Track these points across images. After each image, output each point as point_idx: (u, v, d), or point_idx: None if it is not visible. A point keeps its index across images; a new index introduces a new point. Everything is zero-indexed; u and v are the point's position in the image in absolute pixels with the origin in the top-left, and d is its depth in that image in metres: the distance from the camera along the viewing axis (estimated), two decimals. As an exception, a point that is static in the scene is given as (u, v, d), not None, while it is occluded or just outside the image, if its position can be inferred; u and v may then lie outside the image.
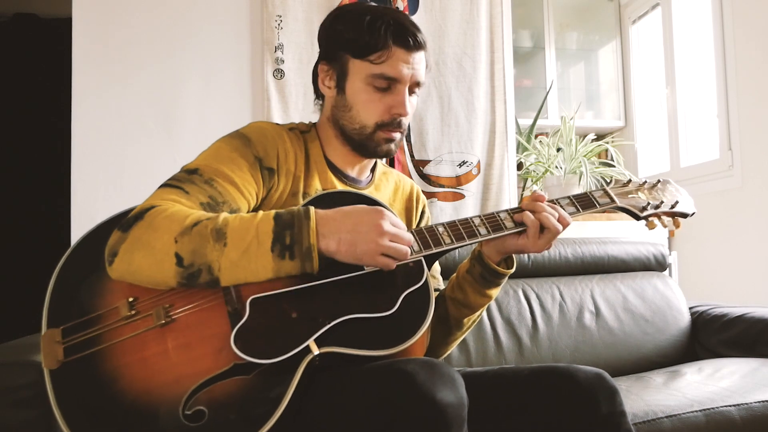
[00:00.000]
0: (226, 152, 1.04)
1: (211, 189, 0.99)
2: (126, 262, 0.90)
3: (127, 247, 0.90)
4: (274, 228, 0.90)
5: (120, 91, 2.18)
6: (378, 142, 1.11)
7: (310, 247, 0.89)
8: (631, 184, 1.19)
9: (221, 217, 0.91)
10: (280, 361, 0.86)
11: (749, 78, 2.46)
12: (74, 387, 0.88)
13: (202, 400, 0.84)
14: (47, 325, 0.92)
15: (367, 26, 1.07)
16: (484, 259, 1.12)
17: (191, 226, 0.89)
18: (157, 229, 0.89)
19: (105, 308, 0.93)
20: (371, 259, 0.91)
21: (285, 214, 0.91)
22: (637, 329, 1.83)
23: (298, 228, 0.89)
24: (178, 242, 0.88)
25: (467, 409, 0.83)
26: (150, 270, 0.89)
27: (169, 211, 0.92)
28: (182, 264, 0.88)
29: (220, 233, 0.89)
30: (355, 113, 1.10)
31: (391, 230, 0.92)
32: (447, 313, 1.19)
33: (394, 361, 0.86)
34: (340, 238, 0.90)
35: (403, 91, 1.09)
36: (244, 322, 0.89)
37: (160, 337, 0.90)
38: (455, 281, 1.18)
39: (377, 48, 1.06)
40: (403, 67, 1.07)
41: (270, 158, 1.07)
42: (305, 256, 0.89)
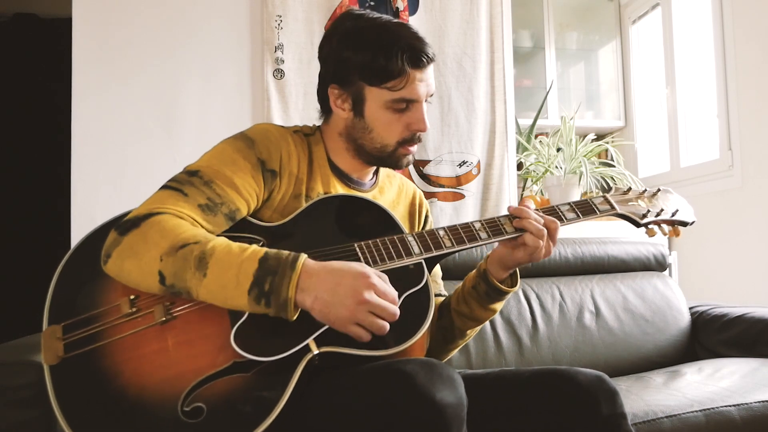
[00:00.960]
0: (229, 154, 1.04)
1: (209, 191, 0.99)
2: (117, 266, 0.92)
3: (119, 252, 0.92)
4: (257, 271, 0.87)
5: (120, 91, 2.18)
6: (399, 158, 1.12)
7: (287, 301, 0.86)
8: (631, 191, 1.20)
9: (210, 244, 0.90)
10: (280, 360, 0.86)
11: (749, 78, 2.46)
12: (74, 383, 0.88)
13: (201, 397, 0.85)
14: (48, 322, 0.93)
15: (384, 54, 1.04)
16: (488, 277, 1.12)
17: (178, 247, 0.90)
18: (147, 242, 0.91)
19: (106, 305, 0.93)
20: (342, 327, 0.87)
21: (272, 259, 0.89)
22: (637, 329, 1.83)
23: (280, 278, 0.87)
24: (162, 261, 0.89)
25: (466, 410, 0.83)
26: (137, 279, 0.91)
27: (163, 224, 0.92)
28: (164, 282, 0.89)
29: (203, 262, 0.88)
30: (376, 135, 1.10)
31: (374, 300, 0.87)
32: (452, 324, 1.19)
33: (394, 361, 0.86)
34: (316, 296, 0.87)
35: (421, 109, 1.09)
36: (244, 321, 0.90)
37: (161, 334, 0.90)
38: (460, 295, 1.18)
39: (394, 76, 1.05)
40: (420, 87, 1.07)
41: (273, 160, 1.07)
42: (280, 307, 0.87)
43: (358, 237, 1.02)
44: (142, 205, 0.96)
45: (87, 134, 2.14)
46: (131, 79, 2.19)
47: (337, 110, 1.12)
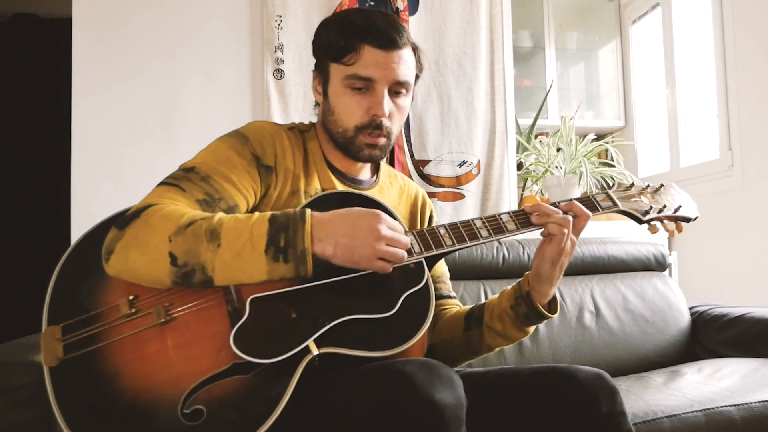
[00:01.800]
0: (223, 150, 1.04)
1: (207, 186, 0.99)
2: (122, 260, 0.90)
3: (123, 245, 0.90)
4: (269, 230, 0.88)
5: (120, 91, 2.18)
6: (360, 147, 1.10)
7: (305, 251, 0.87)
8: (634, 188, 1.19)
9: (216, 217, 0.91)
10: (280, 361, 0.86)
11: (749, 78, 2.46)
12: (73, 384, 0.88)
13: (201, 399, 0.85)
14: (47, 322, 0.92)
15: (339, 29, 1.08)
16: (533, 301, 1.10)
17: (186, 225, 0.89)
18: (153, 228, 0.89)
19: (105, 306, 0.93)
20: (368, 263, 0.90)
21: (281, 216, 0.90)
22: (637, 329, 1.83)
23: (293, 231, 0.88)
24: (172, 241, 0.88)
25: (465, 410, 0.83)
26: (145, 268, 0.89)
27: (165, 210, 0.91)
28: (176, 263, 0.88)
29: (215, 233, 0.88)
30: (337, 116, 1.10)
31: (388, 234, 0.91)
32: (481, 338, 1.16)
33: (393, 361, 0.86)
34: (336, 242, 0.89)
35: (379, 91, 1.07)
36: (244, 322, 0.89)
37: (160, 335, 0.90)
38: (495, 312, 1.15)
39: (347, 50, 1.06)
40: (375, 66, 1.06)
41: (267, 156, 1.07)
42: (299, 259, 0.87)
43: None
44: (140, 202, 0.96)
45: (87, 134, 2.14)
46: (131, 79, 2.19)
47: (316, 97, 1.16)
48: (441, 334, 1.21)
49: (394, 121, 1.11)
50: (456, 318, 1.20)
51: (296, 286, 0.92)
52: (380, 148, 1.11)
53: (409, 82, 1.10)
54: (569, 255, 1.07)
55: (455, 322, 1.20)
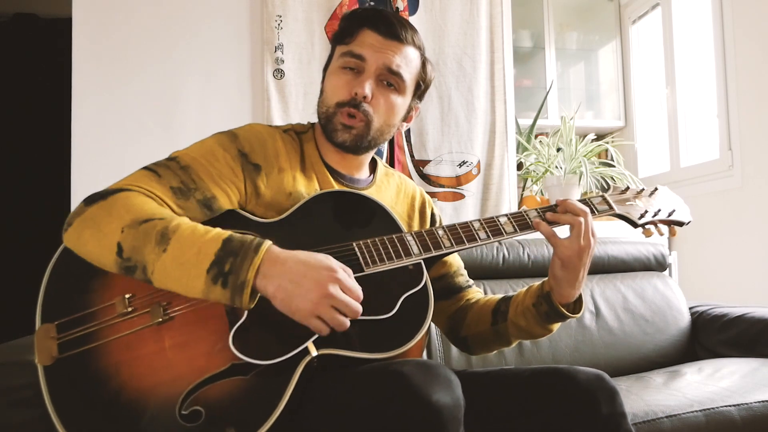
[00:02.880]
0: (209, 145, 1.05)
1: (185, 175, 1.00)
2: (75, 235, 0.91)
3: (81, 221, 0.91)
4: (218, 251, 0.86)
5: (120, 91, 2.18)
6: (335, 126, 1.10)
7: (245, 282, 0.84)
8: (629, 191, 1.19)
9: (175, 221, 0.89)
10: (279, 363, 0.86)
11: (749, 78, 2.46)
12: (68, 384, 0.87)
13: (199, 401, 0.84)
14: (41, 320, 0.91)
15: (349, 15, 1.14)
16: (552, 300, 1.09)
17: (142, 221, 0.89)
18: (111, 214, 0.90)
19: (101, 304, 0.92)
20: (303, 318, 0.85)
21: (236, 241, 0.87)
22: (637, 329, 1.83)
23: (241, 259, 0.85)
24: (124, 232, 0.88)
25: (463, 411, 0.83)
26: (95, 250, 0.90)
27: (131, 200, 0.92)
28: (121, 255, 0.88)
29: (165, 237, 0.87)
30: (324, 96, 1.12)
31: (338, 295, 0.85)
32: (507, 332, 1.17)
33: (391, 362, 0.86)
34: (279, 284, 0.85)
35: (367, 71, 1.08)
36: (243, 323, 0.89)
37: (157, 335, 0.89)
38: (518, 308, 1.14)
39: (350, 30, 1.10)
40: (369, 48, 1.08)
41: (256, 154, 1.07)
42: (237, 289, 0.84)
43: (357, 235, 1.01)
44: (115, 183, 0.97)
45: (87, 134, 2.14)
46: (131, 79, 2.19)
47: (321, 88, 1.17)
48: (470, 327, 1.21)
49: (377, 111, 1.10)
50: (484, 312, 1.20)
51: None
52: (355, 134, 1.09)
53: (402, 76, 1.10)
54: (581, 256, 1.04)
55: (483, 316, 1.19)
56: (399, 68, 1.09)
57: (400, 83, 1.10)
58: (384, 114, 1.11)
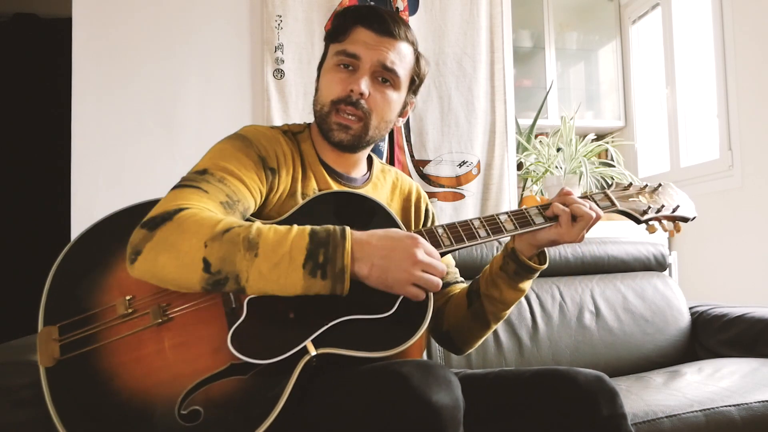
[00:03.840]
0: (231, 152, 1.03)
1: (226, 188, 0.98)
2: (150, 261, 0.87)
3: (153, 246, 0.87)
4: (309, 245, 0.87)
5: (120, 91, 2.18)
6: (330, 126, 1.10)
7: (344, 269, 0.86)
8: (632, 187, 1.19)
9: (254, 227, 0.89)
10: (277, 362, 0.86)
11: (749, 78, 2.46)
12: (70, 385, 0.87)
13: (198, 400, 0.84)
14: (44, 322, 0.92)
15: (343, 13, 1.14)
16: (517, 255, 1.11)
17: (223, 231, 0.87)
18: (186, 232, 0.87)
19: (102, 306, 0.93)
20: (401, 288, 0.89)
21: (321, 231, 0.89)
22: (637, 329, 1.83)
23: (333, 248, 0.87)
24: (207, 247, 0.86)
25: (463, 411, 0.83)
26: (175, 272, 0.87)
27: (200, 215, 0.89)
28: (209, 270, 0.86)
29: (253, 243, 0.86)
30: (320, 94, 1.13)
31: (425, 259, 0.90)
32: (483, 309, 1.17)
33: (390, 362, 0.86)
34: (373, 263, 0.88)
35: (362, 69, 1.09)
36: (242, 322, 0.89)
37: (157, 335, 0.90)
38: (488, 277, 1.16)
39: (344, 28, 1.11)
40: (363, 46, 1.09)
41: (271, 158, 1.07)
42: (337, 277, 0.86)
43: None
44: (163, 203, 0.93)
45: (87, 134, 2.14)
46: (131, 79, 2.19)
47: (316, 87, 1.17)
48: (450, 318, 1.21)
49: (374, 108, 1.10)
50: (459, 298, 1.21)
51: None
52: (352, 133, 1.10)
53: (397, 72, 1.11)
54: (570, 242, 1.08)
55: (460, 303, 1.20)
56: (393, 64, 1.10)
57: (395, 79, 1.11)
58: (380, 110, 1.11)
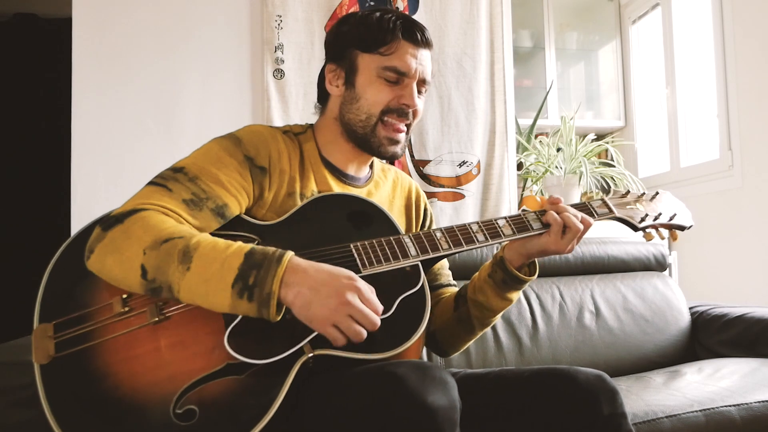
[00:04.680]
0: (215, 152, 1.04)
1: (194, 187, 0.99)
2: (99, 262, 0.91)
3: (102, 247, 0.91)
4: (242, 264, 0.86)
5: (120, 91, 2.18)
6: (381, 141, 1.11)
7: (270, 294, 0.84)
8: (629, 195, 1.19)
9: (195, 239, 0.89)
10: (274, 363, 0.86)
11: (749, 78, 2.46)
12: (65, 383, 0.87)
13: (194, 399, 0.84)
14: (39, 320, 0.92)
15: (377, 21, 1.10)
16: (506, 264, 1.11)
17: (162, 241, 0.89)
18: (130, 237, 0.90)
19: (99, 304, 0.93)
20: (320, 326, 0.85)
21: (258, 254, 0.87)
22: (637, 329, 1.83)
23: (265, 271, 0.85)
24: (146, 254, 0.88)
25: (459, 412, 0.82)
26: (119, 275, 0.90)
27: (147, 220, 0.91)
28: (146, 277, 0.88)
29: (187, 256, 0.87)
30: (363, 102, 1.10)
31: (356, 305, 0.85)
32: (469, 314, 1.17)
33: (386, 364, 0.86)
34: (299, 291, 0.85)
35: (411, 85, 1.10)
36: (238, 322, 0.89)
37: (153, 334, 0.90)
38: (476, 284, 1.16)
39: (387, 41, 1.08)
40: (411, 61, 1.09)
41: (261, 157, 1.07)
42: (263, 301, 0.84)
43: (354, 237, 1.01)
44: (127, 202, 0.96)
45: (87, 134, 2.14)
46: (131, 79, 2.19)
47: (331, 89, 1.14)
48: (437, 320, 1.21)
49: (416, 117, 1.14)
50: (447, 301, 1.21)
51: None
52: (401, 145, 1.13)
53: (430, 83, 1.14)
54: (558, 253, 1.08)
55: (447, 305, 1.20)
56: (429, 76, 1.13)
57: (427, 87, 1.15)
58: (418, 116, 1.15)
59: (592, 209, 1.14)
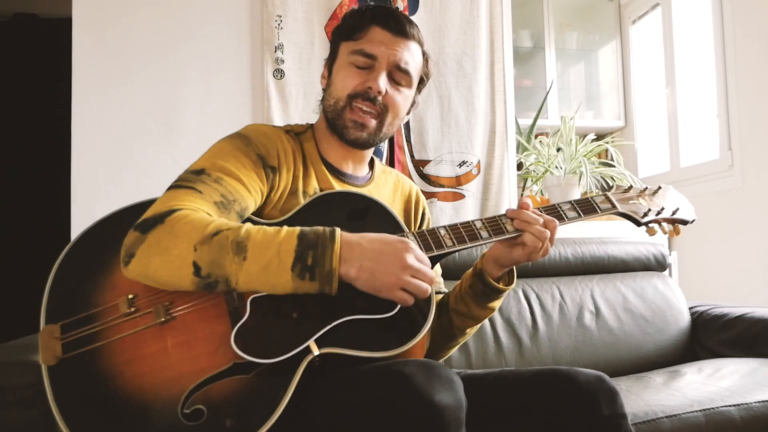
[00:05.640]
0: (229, 151, 1.04)
1: (221, 188, 0.98)
2: (143, 264, 0.89)
3: (145, 249, 0.89)
4: (297, 247, 0.88)
5: (120, 91, 2.18)
6: (345, 123, 1.11)
7: (332, 271, 0.87)
8: (632, 190, 1.19)
9: (243, 229, 0.90)
10: (280, 362, 0.86)
11: (749, 78, 2.46)
12: (72, 384, 0.87)
13: (201, 399, 0.84)
14: (46, 321, 0.92)
15: (356, 10, 1.15)
16: (484, 276, 1.12)
17: (212, 235, 0.88)
18: (177, 235, 0.88)
19: (105, 305, 0.93)
20: (389, 293, 0.89)
21: (310, 234, 0.89)
22: (637, 329, 1.83)
23: (322, 250, 0.87)
24: (197, 251, 0.87)
25: (465, 411, 0.83)
26: (166, 275, 0.89)
27: (191, 218, 0.91)
28: (200, 274, 0.87)
29: (241, 246, 0.87)
30: (333, 88, 1.13)
31: (415, 265, 0.90)
32: (451, 322, 1.19)
33: (393, 362, 0.86)
34: (361, 265, 0.88)
35: (378, 68, 1.10)
36: (245, 321, 0.89)
37: (160, 334, 0.90)
38: (458, 293, 1.18)
39: (360, 26, 1.11)
40: (380, 46, 1.10)
41: (271, 156, 1.07)
42: (325, 279, 0.87)
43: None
44: (157, 205, 0.94)
45: (87, 134, 2.14)
46: (131, 79, 2.19)
47: (322, 84, 1.18)
48: None
49: (390, 106, 1.12)
50: None
51: None
52: (368, 131, 1.12)
53: (410, 72, 1.13)
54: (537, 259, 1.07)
55: None
56: (407, 65, 1.12)
57: (408, 79, 1.13)
58: (395, 108, 1.14)
59: (595, 204, 1.14)
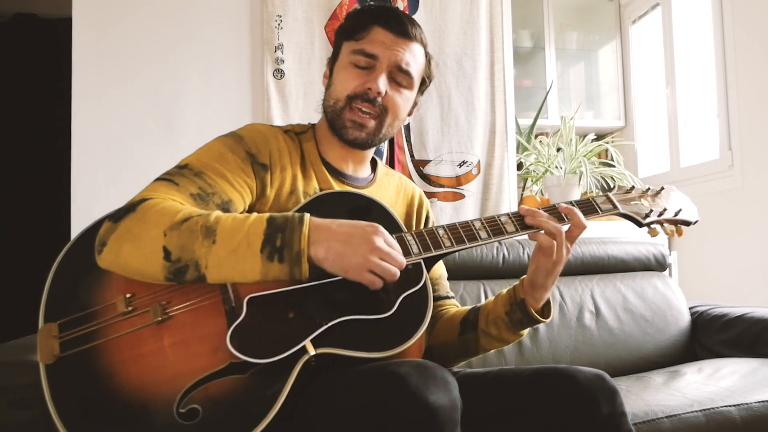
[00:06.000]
0: (218, 149, 1.05)
1: (200, 181, 1.00)
2: (114, 252, 0.90)
3: (116, 237, 0.90)
4: (266, 230, 0.88)
5: (120, 91, 2.18)
6: (344, 123, 1.11)
7: (300, 252, 0.87)
8: (634, 190, 1.18)
9: (213, 215, 0.91)
10: (276, 361, 0.86)
11: (749, 78, 2.46)
12: (69, 382, 0.88)
13: (197, 399, 0.84)
14: (44, 320, 0.93)
15: (357, 10, 1.15)
16: (527, 308, 1.10)
17: (182, 221, 0.89)
18: (147, 222, 0.90)
19: (102, 304, 0.93)
20: (357, 274, 0.89)
21: (279, 218, 0.90)
22: (637, 329, 1.83)
23: (290, 232, 0.88)
24: (167, 236, 0.88)
25: (460, 412, 0.83)
26: (138, 262, 0.89)
27: (161, 205, 0.92)
28: (170, 258, 0.88)
29: (210, 230, 0.88)
30: (333, 89, 1.13)
31: (384, 248, 0.90)
32: (477, 342, 1.17)
33: (388, 363, 0.86)
34: (329, 245, 0.88)
35: (379, 69, 1.10)
36: (241, 321, 0.89)
37: (157, 334, 0.90)
38: (490, 317, 1.15)
39: (360, 28, 1.11)
40: (381, 46, 1.10)
41: (262, 155, 1.07)
42: (294, 260, 0.87)
43: None
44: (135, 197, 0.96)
45: (87, 134, 2.14)
46: (131, 79, 2.19)
47: (324, 84, 1.18)
48: (438, 336, 1.21)
49: (390, 107, 1.12)
50: (452, 321, 1.20)
51: (294, 286, 0.92)
52: (367, 131, 1.11)
53: (411, 74, 1.13)
54: (563, 263, 1.06)
55: (451, 325, 1.20)
56: (408, 66, 1.12)
57: (409, 80, 1.13)
58: (395, 109, 1.13)
59: (596, 205, 1.13)
